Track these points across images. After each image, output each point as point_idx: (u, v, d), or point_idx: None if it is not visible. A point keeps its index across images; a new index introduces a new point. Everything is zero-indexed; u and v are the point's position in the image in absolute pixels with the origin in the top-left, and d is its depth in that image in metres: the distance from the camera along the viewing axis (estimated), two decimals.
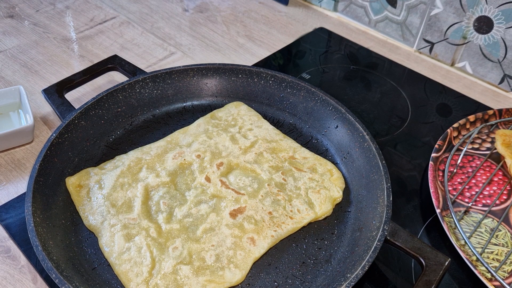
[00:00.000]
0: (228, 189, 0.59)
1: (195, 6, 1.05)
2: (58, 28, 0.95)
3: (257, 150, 0.65)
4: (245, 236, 0.55)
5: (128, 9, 1.02)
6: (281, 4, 1.06)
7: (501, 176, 0.67)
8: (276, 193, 0.59)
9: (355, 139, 0.65)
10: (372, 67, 0.89)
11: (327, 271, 0.54)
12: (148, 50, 0.91)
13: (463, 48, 0.86)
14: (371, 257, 0.50)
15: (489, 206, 0.63)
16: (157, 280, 0.50)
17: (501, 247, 0.58)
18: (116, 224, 0.55)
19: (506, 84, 0.84)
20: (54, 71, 0.84)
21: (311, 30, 0.98)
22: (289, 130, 0.71)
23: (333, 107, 0.69)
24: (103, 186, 0.59)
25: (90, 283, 0.50)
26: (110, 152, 0.66)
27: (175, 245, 0.54)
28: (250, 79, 0.74)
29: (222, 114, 0.71)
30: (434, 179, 0.64)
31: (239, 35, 0.96)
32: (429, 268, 0.49)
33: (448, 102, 0.82)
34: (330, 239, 0.57)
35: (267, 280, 0.53)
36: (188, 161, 0.63)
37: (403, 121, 0.78)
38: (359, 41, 0.96)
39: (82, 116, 0.65)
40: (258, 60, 0.90)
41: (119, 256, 0.52)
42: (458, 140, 0.71)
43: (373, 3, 0.95)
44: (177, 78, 0.73)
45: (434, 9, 0.86)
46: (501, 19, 0.79)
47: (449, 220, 0.60)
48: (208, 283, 0.51)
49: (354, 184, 0.63)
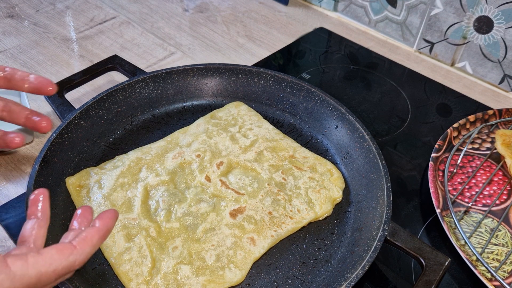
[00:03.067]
0: (228, 189, 0.59)
1: (195, 6, 1.05)
2: (58, 28, 0.95)
3: (257, 149, 0.65)
4: (245, 236, 0.55)
5: (128, 9, 1.02)
6: (281, 4, 1.06)
7: (501, 176, 0.67)
8: (276, 192, 0.59)
9: (355, 139, 0.65)
10: (372, 67, 0.89)
11: (327, 271, 0.54)
12: (148, 50, 0.91)
13: (463, 48, 0.86)
14: (371, 257, 0.50)
15: (489, 206, 0.63)
16: (157, 280, 0.50)
17: (501, 247, 0.58)
18: (116, 224, 0.55)
19: (506, 84, 0.84)
20: (54, 71, 0.84)
21: (311, 30, 0.98)
22: (289, 130, 0.71)
23: (333, 107, 0.69)
24: (103, 186, 0.59)
25: (90, 283, 0.50)
26: (110, 152, 0.66)
27: (175, 245, 0.54)
28: (250, 79, 0.74)
29: (222, 114, 0.71)
30: (434, 179, 0.64)
31: (239, 35, 0.96)
32: (429, 268, 0.49)
33: (448, 102, 0.82)
34: (330, 239, 0.57)
35: (267, 280, 0.53)
36: (188, 160, 0.63)
37: (403, 121, 0.78)
38: (359, 41, 0.96)
39: (82, 116, 0.65)
40: (258, 60, 0.90)
41: (119, 256, 0.52)
42: (458, 140, 0.71)
43: (373, 3, 0.95)
44: (177, 78, 0.73)
45: (434, 9, 0.86)
46: (501, 19, 0.79)
47: (449, 220, 0.60)
48: (208, 283, 0.51)
49: (354, 184, 0.63)
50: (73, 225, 0.42)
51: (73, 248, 0.37)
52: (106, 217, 0.41)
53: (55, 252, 0.36)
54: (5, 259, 0.34)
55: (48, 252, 0.36)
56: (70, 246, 0.37)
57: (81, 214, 0.43)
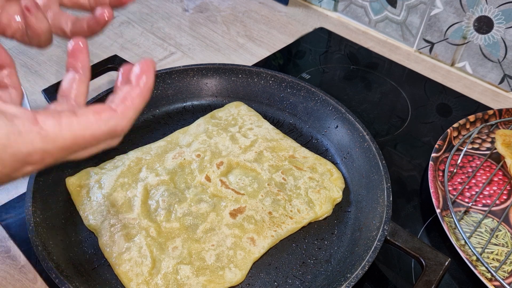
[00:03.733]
0: (228, 189, 0.59)
1: (195, 6, 1.05)
2: None
3: (257, 149, 0.65)
4: (245, 236, 0.55)
5: (128, 9, 1.02)
6: (281, 4, 1.06)
7: (501, 176, 0.67)
8: (276, 193, 0.59)
9: (355, 139, 0.65)
10: (372, 67, 0.89)
11: (327, 271, 0.54)
12: (148, 50, 0.91)
13: (463, 48, 0.86)
14: (371, 257, 0.50)
15: (489, 206, 0.63)
16: (157, 280, 0.50)
17: (501, 247, 0.58)
18: (116, 224, 0.55)
19: (506, 84, 0.84)
20: (54, 71, 0.84)
21: (311, 30, 0.98)
22: (289, 130, 0.71)
23: (333, 107, 0.69)
24: (103, 186, 0.59)
25: (90, 283, 0.50)
26: (110, 152, 0.66)
27: (175, 245, 0.54)
28: (250, 79, 0.74)
29: (222, 114, 0.71)
30: (434, 179, 0.64)
31: (239, 35, 0.96)
32: (429, 268, 0.49)
33: (448, 102, 0.82)
34: (330, 239, 0.57)
35: (267, 280, 0.53)
36: (188, 160, 0.63)
37: (403, 121, 0.78)
38: (359, 41, 0.96)
39: None
40: (258, 60, 0.90)
41: (119, 256, 0.52)
42: (458, 140, 0.71)
43: (373, 3, 0.95)
44: (177, 78, 0.73)
45: (434, 9, 0.86)
46: (501, 19, 0.79)
47: (449, 220, 0.60)
48: (208, 283, 0.51)
49: (354, 184, 0.63)
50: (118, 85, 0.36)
51: (113, 112, 0.32)
52: (145, 70, 0.35)
53: (92, 114, 0.31)
54: (35, 116, 0.29)
55: (84, 114, 0.31)
56: (109, 108, 0.33)
57: (123, 73, 0.37)
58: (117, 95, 0.34)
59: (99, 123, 0.32)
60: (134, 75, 0.34)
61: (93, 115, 0.31)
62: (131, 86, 0.34)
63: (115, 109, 0.33)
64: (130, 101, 0.33)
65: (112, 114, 0.33)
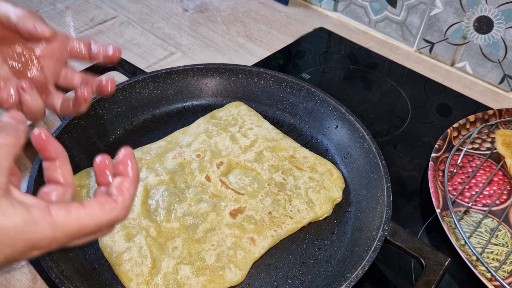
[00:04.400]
0: (228, 189, 0.59)
1: (195, 6, 1.05)
2: (58, 28, 0.95)
3: (257, 149, 0.65)
4: (245, 236, 0.55)
5: (128, 9, 1.02)
6: (281, 4, 1.06)
7: (501, 176, 0.67)
8: (276, 193, 0.59)
9: (355, 139, 0.65)
10: (372, 67, 0.89)
11: (327, 271, 0.54)
12: (148, 50, 0.91)
13: (463, 48, 0.86)
14: (371, 257, 0.50)
15: (489, 206, 0.63)
16: (157, 280, 0.50)
17: (501, 247, 0.58)
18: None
19: (506, 84, 0.84)
20: None
21: (311, 30, 0.98)
22: (289, 130, 0.71)
23: (333, 107, 0.69)
24: None
25: (90, 283, 0.50)
26: (110, 152, 0.66)
27: (175, 245, 0.54)
28: (250, 79, 0.74)
29: (222, 114, 0.71)
30: (434, 179, 0.64)
31: (239, 35, 0.96)
32: (429, 268, 0.49)
33: (448, 102, 0.82)
34: (330, 239, 0.57)
35: (267, 280, 0.53)
36: (188, 160, 0.63)
37: (403, 121, 0.78)
38: (359, 41, 0.96)
39: (82, 116, 0.65)
40: (258, 60, 0.90)
41: (119, 256, 0.52)
42: (458, 140, 0.71)
43: (373, 3, 0.95)
44: (177, 78, 0.73)
45: (434, 9, 0.86)
46: (501, 19, 0.79)
47: (449, 220, 0.60)
48: (208, 283, 0.51)
49: (354, 184, 0.63)
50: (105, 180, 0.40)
51: (114, 203, 0.36)
52: (128, 161, 0.39)
53: (98, 206, 0.35)
54: (49, 207, 0.33)
55: (91, 206, 0.35)
56: (111, 201, 0.36)
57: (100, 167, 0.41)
58: (113, 187, 0.37)
59: (103, 214, 0.35)
60: (121, 165, 0.39)
61: (98, 207, 0.35)
62: (123, 178, 0.38)
63: (115, 201, 0.36)
64: (127, 192, 0.37)
65: (115, 206, 0.36)
